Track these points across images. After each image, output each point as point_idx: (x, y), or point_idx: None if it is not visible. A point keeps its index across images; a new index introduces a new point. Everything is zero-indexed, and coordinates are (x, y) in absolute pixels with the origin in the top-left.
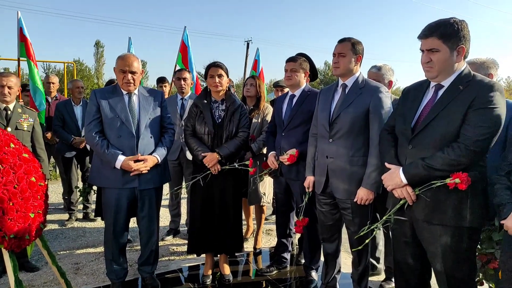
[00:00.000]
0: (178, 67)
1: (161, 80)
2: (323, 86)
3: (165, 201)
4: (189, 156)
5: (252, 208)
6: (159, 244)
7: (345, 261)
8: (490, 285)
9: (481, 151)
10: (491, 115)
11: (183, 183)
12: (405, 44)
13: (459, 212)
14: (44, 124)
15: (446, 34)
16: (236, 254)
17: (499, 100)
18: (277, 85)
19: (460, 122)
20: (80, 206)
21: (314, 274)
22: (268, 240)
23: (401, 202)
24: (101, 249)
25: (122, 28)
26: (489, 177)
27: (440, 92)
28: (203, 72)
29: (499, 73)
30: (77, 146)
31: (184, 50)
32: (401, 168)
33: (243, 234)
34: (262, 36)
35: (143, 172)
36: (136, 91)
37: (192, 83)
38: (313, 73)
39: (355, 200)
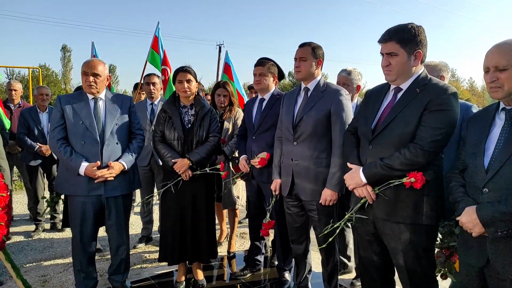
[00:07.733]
0: (149, 66)
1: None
2: None
3: (137, 208)
4: (160, 162)
5: (225, 212)
6: (131, 252)
7: (318, 261)
8: (454, 279)
9: (435, 151)
10: (445, 117)
11: (155, 191)
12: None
13: (417, 210)
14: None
15: (404, 39)
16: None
17: (453, 103)
18: (251, 88)
19: (417, 124)
20: (48, 216)
21: (287, 275)
22: (242, 244)
23: (362, 201)
24: (70, 260)
25: (91, 33)
26: (445, 176)
27: (399, 95)
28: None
29: (462, 74)
30: (42, 154)
31: (156, 46)
32: (361, 168)
33: (217, 239)
34: (234, 40)
35: (108, 179)
36: (102, 96)
37: (161, 88)
38: (280, 75)
39: (320, 201)
